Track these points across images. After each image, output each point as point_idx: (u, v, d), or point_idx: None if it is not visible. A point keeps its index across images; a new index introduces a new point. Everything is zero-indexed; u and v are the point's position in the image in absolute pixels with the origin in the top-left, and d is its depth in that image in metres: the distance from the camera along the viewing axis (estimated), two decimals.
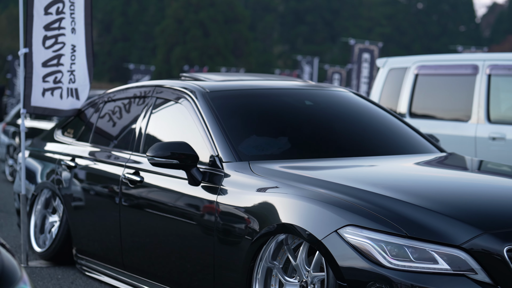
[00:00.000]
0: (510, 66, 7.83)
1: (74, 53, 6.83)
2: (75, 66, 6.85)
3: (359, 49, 23.07)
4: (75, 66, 6.85)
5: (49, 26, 6.69)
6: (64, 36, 6.76)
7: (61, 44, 6.75)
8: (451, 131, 7.91)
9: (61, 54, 6.76)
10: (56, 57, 6.74)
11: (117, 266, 5.73)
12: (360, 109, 5.80)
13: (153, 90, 5.85)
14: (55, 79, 6.75)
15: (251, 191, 4.57)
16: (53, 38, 6.71)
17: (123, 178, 5.57)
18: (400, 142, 5.56)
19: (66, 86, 6.81)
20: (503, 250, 3.80)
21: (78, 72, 6.87)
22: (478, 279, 3.77)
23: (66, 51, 6.79)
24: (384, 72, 8.87)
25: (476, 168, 5.30)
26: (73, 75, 6.83)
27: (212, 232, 4.73)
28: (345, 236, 3.95)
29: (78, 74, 6.86)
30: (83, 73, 6.88)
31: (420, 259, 3.81)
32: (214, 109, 5.22)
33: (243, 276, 4.48)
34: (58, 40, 6.74)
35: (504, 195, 4.38)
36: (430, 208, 4.00)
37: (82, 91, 6.88)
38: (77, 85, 6.85)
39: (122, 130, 6.08)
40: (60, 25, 6.73)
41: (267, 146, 5.14)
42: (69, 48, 6.80)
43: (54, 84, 6.75)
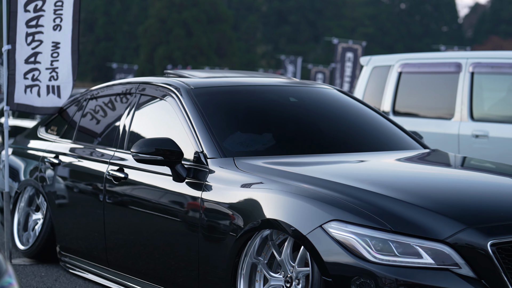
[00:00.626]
0: (493, 64, 7.87)
1: (57, 50, 6.80)
2: (58, 63, 6.82)
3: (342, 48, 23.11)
4: (58, 63, 6.82)
5: (28, 23, 6.67)
6: (42, 34, 6.73)
7: (38, 42, 6.73)
8: (434, 129, 7.95)
9: (38, 52, 6.73)
10: (34, 55, 6.72)
11: (101, 263, 5.71)
12: (344, 106, 5.82)
13: (137, 87, 5.84)
14: (33, 76, 6.73)
15: (236, 187, 4.57)
16: (31, 36, 6.69)
17: (107, 175, 5.56)
18: (384, 139, 5.58)
19: (46, 83, 6.77)
20: (486, 244, 3.81)
21: (62, 69, 6.84)
22: (462, 273, 3.79)
23: (44, 49, 6.75)
24: (368, 70, 8.90)
25: (460, 164, 5.33)
26: (55, 72, 6.80)
27: (196, 229, 4.73)
28: (330, 231, 3.96)
29: (61, 71, 6.83)
30: (67, 70, 6.85)
31: (404, 254, 3.82)
32: (199, 106, 5.22)
33: (228, 272, 4.48)
34: (35, 38, 6.71)
35: (488, 191, 4.41)
36: (414, 203, 4.01)
37: (64, 89, 6.85)
38: (60, 83, 6.83)
39: (106, 127, 6.07)
40: (37, 22, 6.70)
41: (251, 143, 5.15)
42: (49, 45, 6.77)
43: (32, 81, 6.74)
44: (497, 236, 3.84)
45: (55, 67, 6.80)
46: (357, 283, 3.85)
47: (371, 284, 3.81)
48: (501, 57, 7.92)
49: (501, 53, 8.02)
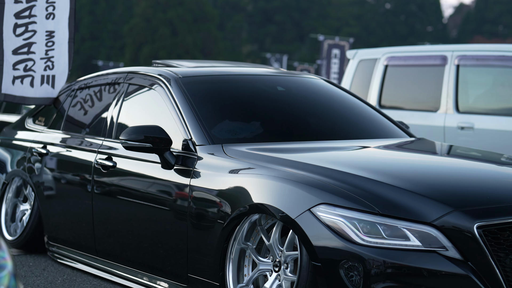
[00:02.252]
0: (478, 56, 7.94)
1: (52, 39, 6.80)
2: (54, 52, 6.83)
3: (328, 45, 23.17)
4: (54, 52, 6.83)
5: (19, 14, 6.67)
6: (35, 24, 6.73)
7: (32, 32, 6.73)
8: (420, 121, 8.01)
9: (32, 42, 6.73)
10: (27, 45, 6.71)
11: (89, 252, 5.73)
12: (331, 95, 5.86)
13: (125, 77, 5.86)
14: (25, 67, 6.72)
15: (224, 173, 4.60)
16: (24, 26, 6.69)
17: (96, 164, 5.57)
18: (370, 127, 5.63)
19: (40, 73, 6.77)
20: (473, 227, 3.86)
21: (58, 58, 6.84)
22: (449, 256, 3.83)
23: (38, 38, 6.75)
24: (354, 63, 8.95)
25: (446, 151, 5.38)
26: (50, 61, 6.80)
27: (185, 215, 4.75)
28: (318, 214, 4.00)
29: (57, 61, 6.84)
30: (64, 59, 6.87)
31: (392, 236, 3.86)
32: (187, 94, 5.24)
33: (217, 259, 4.51)
34: (29, 28, 6.71)
35: (474, 175, 4.47)
36: (402, 186, 4.05)
37: (59, 79, 6.85)
38: (55, 72, 6.83)
39: (95, 117, 6.08)
40: (30, 13, 6.71)
41: (239, 130, 5.18)
42: (43, 35, 6.77)
43: (25, 72, 6.72)
44: (483, 219, 3.89)
45: (51, 57, 6.80)
46: (345, 266, 3.88)
47: (359, 267, 3.84)
48: (486, 49, 7.99)
49: (486, 45, 8.09)
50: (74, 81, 6.69)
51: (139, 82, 5.67)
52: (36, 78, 6.76)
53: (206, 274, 4.62)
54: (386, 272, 3.81)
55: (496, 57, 7.80)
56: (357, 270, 3.85)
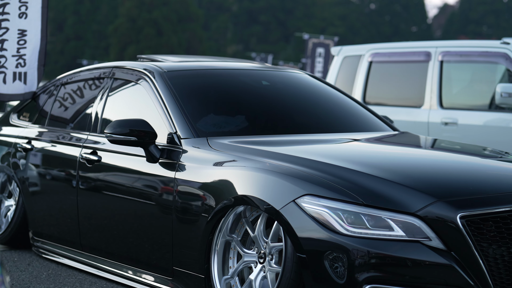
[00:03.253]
0: (461, 52, 7.99)
1: (24, 38, 6.87)
2: (26, 50, 6.88)
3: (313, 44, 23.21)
4: (26, 51, 6.88)
5: None
6: (8, 22, 6.79)
7: (5, 29, 6.81)
8: (404, 117, 8.05)
9: (4, 39, 6.81)
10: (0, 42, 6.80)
11: (75, 247, 5.73)
12: (315, 89, 5.89)
13: (110, 71, 5.86)
14: None
15: (209, 165, 4.61)
16: None
17: (81, 158, 5.57)
18: (355, 121, 5.66)
19: (12, 70, 6.82)
20: (456, 217, 3.89)
21: (30, 56, 6.89)
22: (432, 245, 3.86)
23: (10, 36, 6.82)
24: (339, 60, 8.98)
25: (430, 144, 5.42)
26: (22, 59, 6.86)
27: (170, 209, 4.76)
28: (303, 205, 4.02)
29: (29, 58, 6.89)
30: (35, 57, 6.92)
31: (376, 226, 3.89)
32: (172, 88, 5.25)
33: (202, 252, 4.52)
34: (2, 25, 6.78)
35: (457, 167, 4.51)
36: (386, 177, 4.08)
37: (31, 75, 6.90)
38: (27, 69, 6.87)
39: (79, 112, 6.08)
40: (4, 10, 6.78)
41: (224, 124, 5.19)
42: (15, 33, 6.83)
43: None
44: (466, 209, 3.92)
45: (22, 54, 6.85)
46: (330, 257, 3.90)
47: (344, 258, 3.87)
48: (470, 45, 8.04)
49: (469, 42, 8.14)
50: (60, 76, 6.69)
51: (124, 76, 5.68)
52: (8, 75, 6.84)
53: (191, 267, 4.63)
54: (370, 262, 3.83)
55: (479, 53, 7.86)
56: (341, 261, 3.87)
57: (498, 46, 7.72)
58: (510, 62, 7.55)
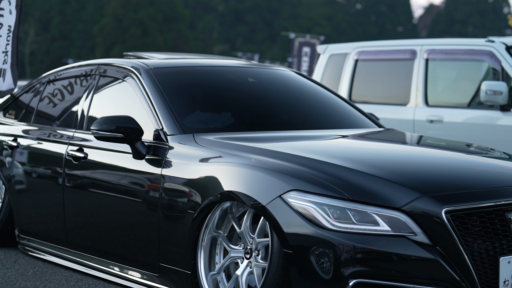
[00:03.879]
0: (446, 50, 8.03)
1: (10, 34, 6.84)
2: (9, 46, 6.87)
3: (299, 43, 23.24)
4: (9, 47, 6.87)
5: None
6: (2, 18, 6.75)
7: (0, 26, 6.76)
8: (390, 114, 8.08)
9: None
10: None
11: (61, 244, 5.72)
12: (301, 86, 5.91)
13: (96, 69, 5.86)
14: None
15: (195, 161, 4.62)
16: None
17: (67, 155, 5.56)
18: (340, 117, 5.68)
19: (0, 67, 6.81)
20: (441, 212, 3.91)
21: (12, 52, 6.89)
22: (418, 240, 3.88)
23: (3, 32, 6.77)
24: (325, 58, 9.01)
25: (415, 140, 5.44)
26: (7, 55, 6.84)
27: (156, 206, 4.76)
28: (289, 200, 4.03)
29: (10, 55, 6.89)
30: (14, 53, 6.92)
31: (361, 221, 3.91)
32: (158, 85, 5.26)
33: (188, 248, 4.52)
34: None
35: (442, 162, 4.53)
36: (371, 173, 4.10)
37: (9, 73, 6.89)
38: (7, 66, 6.86)
39: (65, 109, 6.07)
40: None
41: (211, 121, 5.20)
42: (6, 29, 6.79)
43: None
44: (451, 204, 3.94)
45: (7, 51, 6.83)
46: (316, 253, 3.92)
47: (330, 253, 3.88)
48: (455, 43, 8.08)
49: (455, 40, 8.18)
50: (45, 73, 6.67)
51: (110, 73, 5.68)
52: None
53: (178, 263, 4.64)
54: (356, 257, 3.85)
55: (464, 51, 7.90)
56: (327, 257, 3.89)
57: (483, 44, 7.76)
58: (495, 60, 7.59)
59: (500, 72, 7.52)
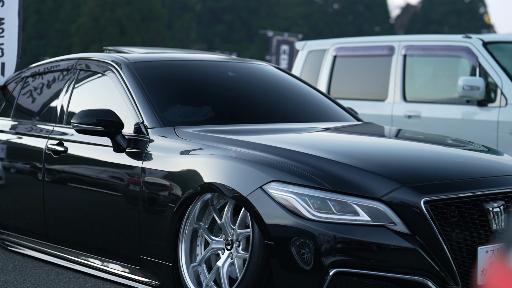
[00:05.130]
0: (424, 46, 8.10)
1: (2, 26, 6.79)
2: (4, 39, 6.81)
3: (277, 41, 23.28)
4: (4, 40, 6.81)
5: None
6: None
7: None
8: (368, 110, 8.13)
9: None
10: None
11: (41, 239, 5.71)
12: (281, 80, 5.94)
13: (76, 63, 5.86)
14: None
15: (176, 154, 4.64)
16: None
17: (47, 149, 5.56)
18: (320, 111, 5.72)
19: None
20: (420, 202, 3.96)
21: (8, 45, 6.83)
22: (397, 230, 3.93)
23: None
24: (303, 54, 9.05)
25: (394, 133, 5.50)
26: (0, 48, 6.79)
27: (137, 199, 4.77)
28: (270, 191, 4.06)
29: (7, 48, 6.83)
30: (13, 46, 6.85)
31: (342, 212, 3.94)
32: (139, 79, 5.27)
33: (169, 241, 4.54)
34: None
35: (421, 154, 4.59)
36: (351, 164, 4.14)
37: (8, 67, 6.84)
38: (5, 60, 6.82)
39: (45, 104, 6.07)
40: None
41: (191, 114, 5.22)
42: None
43: None
44: (429, 194, 3.99)
45: (1, 43, 6.78)
46: (297, 243, 3.95)
47: (310, 243, 3.91)
48: (432, 40, 8.15)
49: (432, 36, 8.25)
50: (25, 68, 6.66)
51: (91, 68, 5.68)
52: None
53: (159, 256, 4.65)
54: (336, 246, 3.89)
55: (442, 47, 7.97)
56: (308, 247, 3.92)
57: (460, 40, 7.84)
58: (472, 56, 7.66)
59: (477, 68, 7.59)
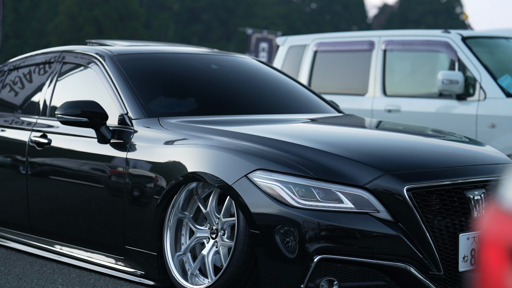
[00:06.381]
0: (404, 41, 8.18)
1: None
2: None
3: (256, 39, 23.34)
4: None
5: None
6: None
7: None
8: (349, 104, 8.20)
9: None
10: None
11: (24, 231, 5.72)
12: (263, 73, 6.00)
13: (59, 56, 5.87)
14: None
15: (160, 144, 4.67)
16: None
17: (30, 142, 5.57)
18: (302, 102, 5.78)
19: None
20: (403, 189, 4.02)
21: None
22: (380, 217, 3.99)
23: None
24: (284, 50, 9.10)
25: (375, 124, 5.57)
26: None
27: (122, 190, 4.80)
28: (255, 180, 4.11)
29: None
30: None
31: (326, 199, 4.00)
32: (122, 71, 5.29)
33: (154, 231, 4.57)
34: None
35: (403, 143, 4.66)
36: (335, 152, 4.20)
37: None
38: None
39: (28, 97, 6.07)
40: None
41: (175, 106, 5.26)
42: None
43: None
44: (412, 182, 4.05)
45: None
46: (281, 231, 3.99)
47: (295, 231, 3.96)
48: (412, 35, 8.23)
49: (412, 31, 8.33)
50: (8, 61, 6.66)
51: (74, 60, 5.69)
52: None
53: (144, 245, 4.68)
54: (320, 234, 3.94)
55: (421, 42, 8.05)
56: (293, 235, 3.97)
57: (439, 35, 7.92)
58: (451, 51, 7.75)
59: (456, 62, 7.68)
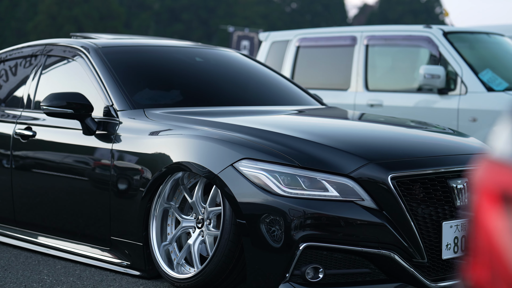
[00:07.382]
0: (386, 36, 8.24)
1: None
2: None
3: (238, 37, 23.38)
4: None
5: None
6: None
7: None
8: (332, 99, 8.25)
9: None
10: None
11: (8, 224, 5.72)
12: (247, 66, 6.04)
13: (43, 49, 5.88)
14: None
15: (146, 135, 4.70)
16: None
17: (15, 134, 5.57)
18: (286, 95, 5.83)
19: None
20: (387, 178, 4.07)
21: None
22: (365, 205, 4.03)
23: None
24: (267, 45, 9.15)
25: (358, 115, 5.63)
26: None
27: (107, 182, 4.82)
28: (241, 169, 4.14)
29: None
30: None
31: (311, 187, 4.04)
32: (107, 63, 5.31)
33: (140, 220, 4.59)
34: None
35: (387, 133, 4.72)
36: (320, 142, 4.24)
37: None
38: None
39: (13, 90, 6.07)
40: None
41: (160, 98, 5.29)
42: None
43: None
44: (396, 171, 4.10)
45: None
46: (267, 220, 4.03)
47: (281, 220, 4.00)
48: (394, 30, 8.30)
49: (394, 26, 8.41)
50: None
51: (58, 53, 5.70)
52: None
53: (129, 236, 4.70)
54: (306, 222, 3.98)
55: (403, 37, 8.12)
56: (278, 224, 4.00)
57: (421, 30, 7.99)
58: (432, 46, 7.82)
59: (438, 57, 7.75)
